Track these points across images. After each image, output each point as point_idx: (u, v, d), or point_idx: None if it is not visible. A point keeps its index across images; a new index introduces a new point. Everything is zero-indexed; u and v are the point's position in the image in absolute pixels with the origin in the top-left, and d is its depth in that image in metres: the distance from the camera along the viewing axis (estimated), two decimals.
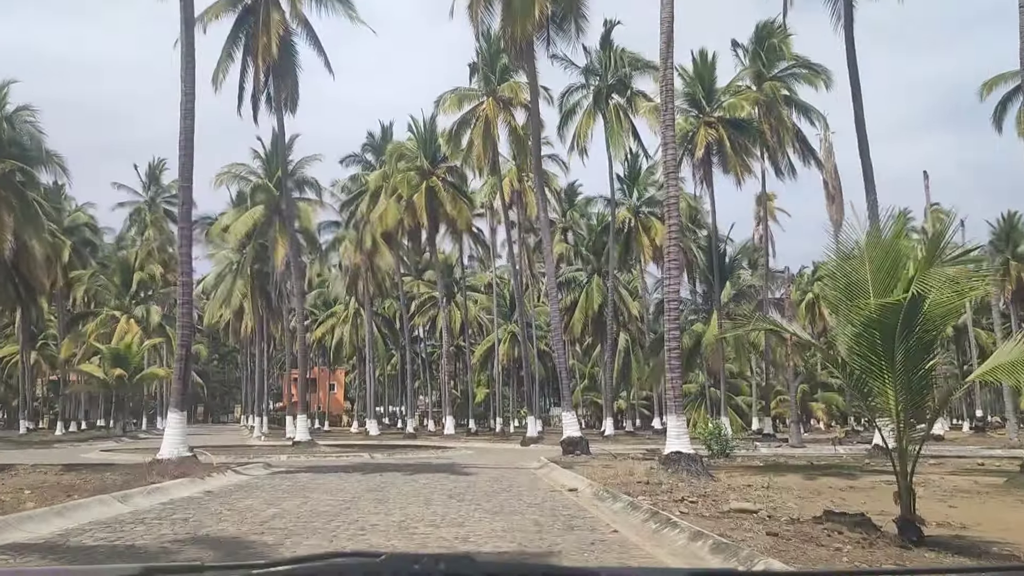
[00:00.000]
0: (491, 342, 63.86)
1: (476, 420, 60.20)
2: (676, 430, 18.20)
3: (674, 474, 17.76)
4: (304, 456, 28.36)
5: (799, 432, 35.40)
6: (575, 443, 25.95)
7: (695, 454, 18.36)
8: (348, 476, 19.63)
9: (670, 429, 18.38)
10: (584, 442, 26.19)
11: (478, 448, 37.19)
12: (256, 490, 16.17)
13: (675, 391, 18.43)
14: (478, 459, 28.08)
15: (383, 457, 28.83)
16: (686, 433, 18.42)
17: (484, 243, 57.45)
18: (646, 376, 47.07)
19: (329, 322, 64.96)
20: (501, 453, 32.95)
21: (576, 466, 22.13)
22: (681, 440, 18.18)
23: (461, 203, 43.84)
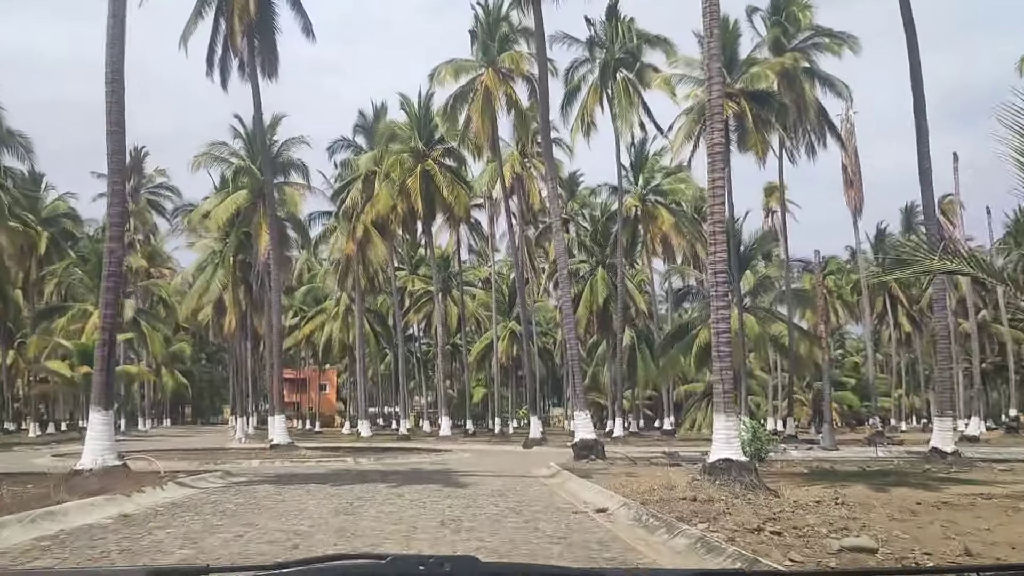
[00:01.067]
0: (489, 339, 59.89)
1: (473, 421, 56.24)
2: (725, 433, 14.33)
3: (724, 487, 13.88)
4: (279, 461, 24.43)
5: (832, 433, 31.55)
6: (589, 447, 22.08)
7: (748, 462, 14.47)
8: (319, 489, 15.71)
9: (718, 432, 14.50)
10: (599, 446, 22.32)
11: (476, 451, 33.27)
12: (190, 512, 12.26)
13: (725, 384, 14.57)
14: (477, 464, 24.19)
15: (369, 462, 24.91)
16: (736, 437, 14.52)
17: (483, 235, 53.50)
18: (658, 372, 43.14)
19: (319, 319, 60.81)
20: (502, 457, 29.04)
21: (594, 474, 18.27)
22: (731, 445, 14.32)
23: (459, 188, 39.86)
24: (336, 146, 44.90)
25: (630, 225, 45.42)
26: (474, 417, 58.57)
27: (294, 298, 64.57)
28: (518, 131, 37.29)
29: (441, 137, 41.18)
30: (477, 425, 60.24)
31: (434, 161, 40.40)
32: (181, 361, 69.61)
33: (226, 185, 40.68)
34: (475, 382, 68.23)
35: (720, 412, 14.61)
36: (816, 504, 13.26)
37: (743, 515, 11.59)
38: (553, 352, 66.34)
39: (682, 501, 12.97)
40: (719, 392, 14.71)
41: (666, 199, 44.97)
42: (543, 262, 63.79)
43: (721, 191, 15.32)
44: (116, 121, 15.17)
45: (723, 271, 15.20)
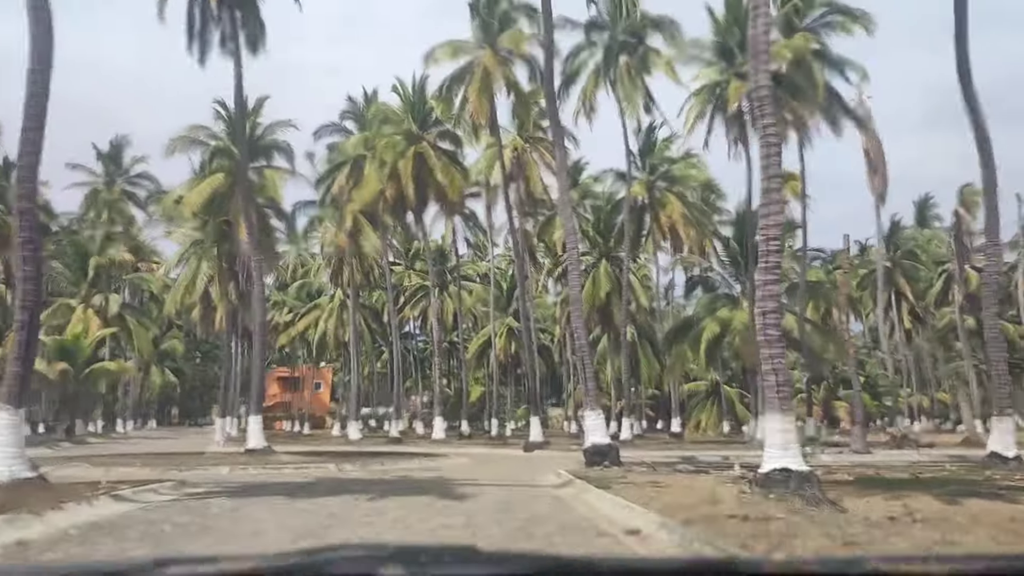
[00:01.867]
0: (487, 336, 57.09)
1: (469, 422, 53.38)
2: (782, 437, 11.58)
3: (781, 502, 11.13)
4: (253, 468, 21.59)
5: (863, 435, 28.75)
6: (603, 452, 19.27)
7: (810, 472, 11.67)
8: (285, 505, 12.91)
9: (772, 435, 11.74)
10: (614, 450, 19.50)
11: (473, 455, 30.44)
12: (109, 537, 9.48)
13: (779, 375, 11.80)
14: (475, 471, 21.38)
15: (354, 469, 22.05)
16: (796, 441, 11.74)
17: (480, 226, 50.70)
18: (666, 369, 40.33)
19: (312, 315, 57.89)
20: (502, 462, 26.23)
21: (614, 484, 15.46)
22: (789, 452, 11.57)
23: (453, 171, 36.96)
24: (323, 131, 42.02)
25: (636, 214, 42.61)
26: (470, 418, 55.75)
27: (287, 294, 61.67)
28: (518, 113, 34.49)
29: (437, 119, 38.33)
30: (473, 427, 57.38)
31: (428, 144, 37.49)
32: (172, 359, 66.62)
33: (206, 170, 37.79)
34: (472, 380, 65.40)
35: (775, 411, 11.82)
36: (891, 522, 10.58)
37: (813, 538, 9.00)
38: (552, 349, 63.47)
39: (732, 520, 10.22)
40: (771, 385, 11.92)
41: (675, 186, 42.13)
42: (543, 257, 61.04)
43: (775, 137, 12.54)
44: (40, 57, 12.31)
45: (776, 237, 12.39)
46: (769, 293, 12.08)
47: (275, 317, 62.90)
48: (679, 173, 42.49)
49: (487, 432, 53.13)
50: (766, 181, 12.35)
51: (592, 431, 19.47)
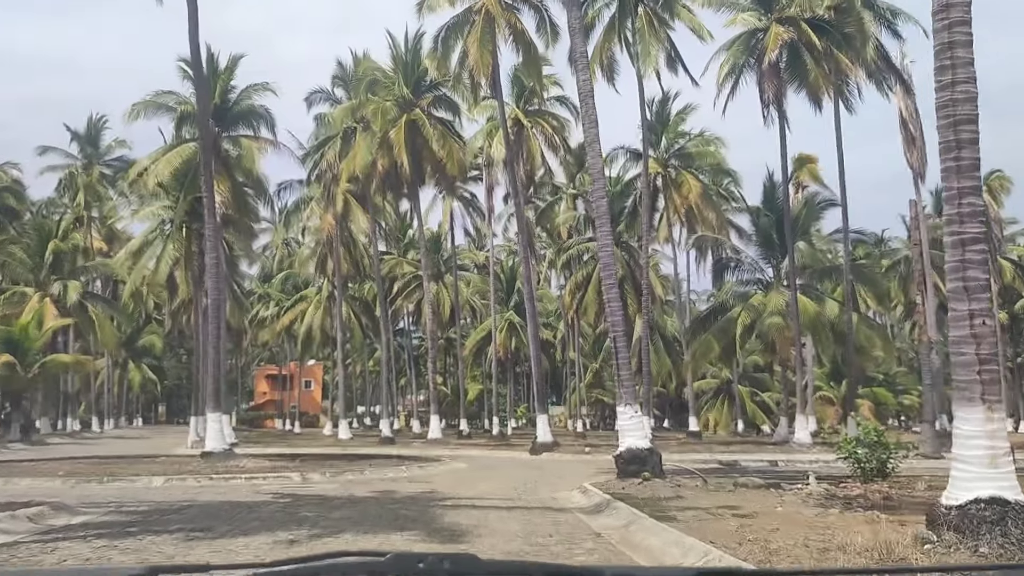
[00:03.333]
0: (485, 331, 52.22)
1: (468, 420, 48.52)
2: (988, 445, 6.76)
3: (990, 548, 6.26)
4: (195, 479, 16.77)
5: (935, 436, 23.89)
6: (641, 458, 14.41)
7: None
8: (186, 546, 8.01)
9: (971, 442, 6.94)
10: (656, 456, 14.60)
11: (473, 459, 25.59)
12: None
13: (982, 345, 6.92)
14: (475, 483, 16.56)
15: (322, 480, 17.21)
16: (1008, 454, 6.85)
17: (478, 210, 45.77)
18: (689, 361, 35.44)
19: (298, 308, 52.86)
20: (507, 469, 21.40)
21: (673, 511, 10.67)
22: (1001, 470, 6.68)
23: (451, 142, 32.06)
24: (314, 98, 36.98)
25: (649, 195, 37.74)
26: (469, 416, 50.88)
27: (271, 286, 56.67)
28: (526, 71, 29.55)
29: (432, 83, 33.37)
30: (472, 425, 52.50)
31: (423, 111, 32.52)
32: (152, 355, 61.54)
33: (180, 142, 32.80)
34: (470, 378, 60.48)
35: (974, 402, 6.99)
36: None
37: None
38: (555, 344, 58.62)
39: None
40: (968, 361, 7.07)
41: (692, 164, 37.26)
42: (544, 247, 56.23)
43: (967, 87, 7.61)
44: None
45: (972, 118, 7.41)
46: (970, 210, 7.18)
47: (259, 311, 58.03)
48: (695, 150, 37.63)
49: (487, 431, 48.25)
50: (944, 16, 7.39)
51: (628, 432, 14.60)
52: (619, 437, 14.85)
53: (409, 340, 63.72)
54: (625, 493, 12.64)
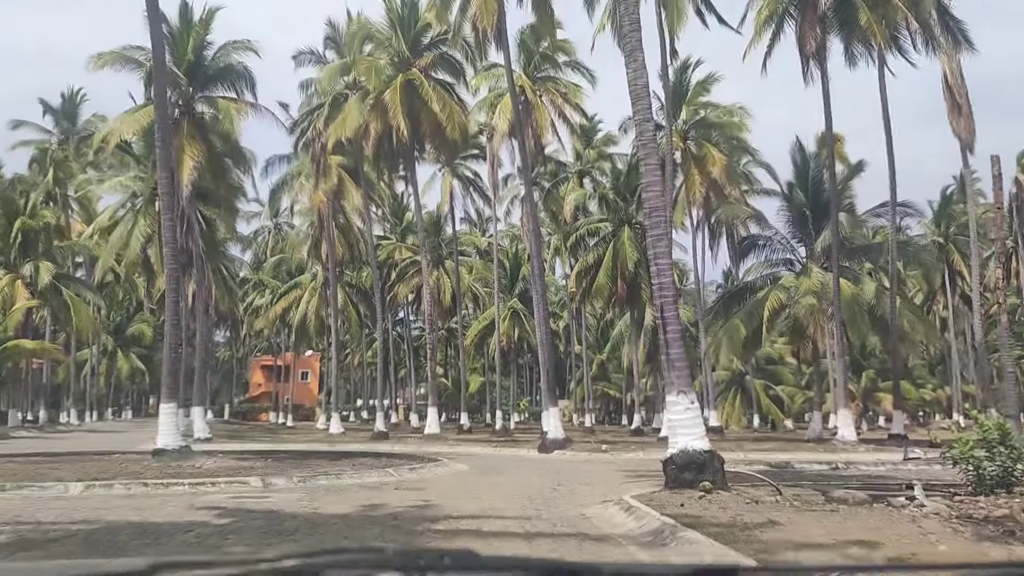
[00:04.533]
0: (488, 319, 48.44)
1: (469, 414, 44.84)
2: None
3: None
4: (124, 485, 13.04)
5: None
6: (700, 463, 10.68)
7: None
8: None
9: None
10: (716, 460, 10.80)
11: (475, 457, 21.91)
12: None
13: None
14: (478, 490, 12.88)
15: (289, 486, 13.52)
16: None
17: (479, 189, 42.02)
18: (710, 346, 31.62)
19: (293, 294, 49.07)
20: (515, 471, 17.70)
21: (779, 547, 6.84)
22: None
23: (452, 104, 28.25)
24: (303, 59, 33.03)
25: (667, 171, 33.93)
26: (470, 410, 47.19)
27: (263, 271, 52.87)
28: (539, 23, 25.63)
29: (432, 41, 29.48)
30: (473, 419, 48.78)
31: (421, 71, 28.63)
32: (142, 345, 57.69)
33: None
34: (470, 370, 56.72)
35: None
36: None
37: None
38: (559, 334, 54.79)
39: None
40: None
41: (714, 137, 33.43)
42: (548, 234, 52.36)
43: None
44: None
45: None
46: None
47: (254, 299, 54.26)
48: (718, 121, 33.79)
49: (489, 425, 44.56)
50: None
51: (681, 428, 10.82)
52: (671, 438, 11.06)
53: (408, 330, 59.95)
54: (689, 514, 8.89)
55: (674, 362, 10.86)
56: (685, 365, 11.12)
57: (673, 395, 10.95)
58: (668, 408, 11.20)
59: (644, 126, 11.39)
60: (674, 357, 10.88)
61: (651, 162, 11.22)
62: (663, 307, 10.87)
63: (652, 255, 11.04)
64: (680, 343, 10.99)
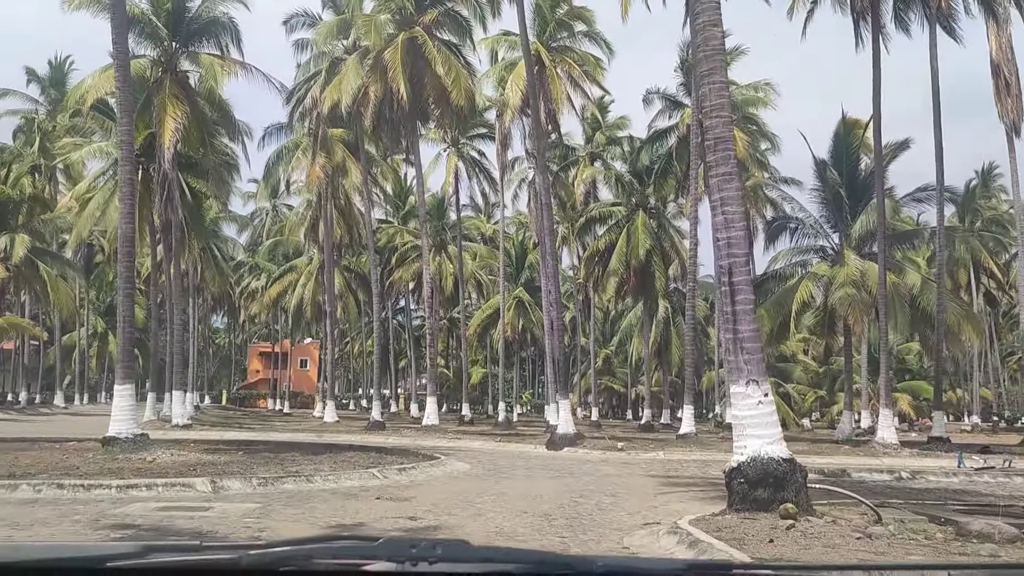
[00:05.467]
0: (492, 308, 45.64)
1: (470, 406, 42.05)
2: None
3: None
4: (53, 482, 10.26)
5: None
6: (777, 477, 7.75)
7: None
8: None
9: None
10: (800, 474, 7.89)
11: (477, 454, 19.05)
12: None
13: None
14: (481, 502, 10.02)
15: (243, 491, 10.69)
16: None
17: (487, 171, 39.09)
18: None
19: (288, 278, 46.15)
20: (525, 472, 14.87)
21: None
22: None
23: (458, 66, 25.27)
24: (296, 22, 29.96)
25: (683, 152, 31.07)
26: (471, 401, 44.35)
27: (259, 254, 49.97)
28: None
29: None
30: (474, 411, 45.95)
31: (425, 29, 25.61)
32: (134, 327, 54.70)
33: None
34: (472, 361, 53.87)
35: None
36: None
37: None
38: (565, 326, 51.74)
39: None
40: None
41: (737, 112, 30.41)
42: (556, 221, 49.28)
43: None
44: None
45: None
46: None
47: (250, 283, 51.35)
48: (741, 98, 30.79)
49: (491, 417, 41.72)
50: None
51: (751, 428, 7.92)
52: (735, 436, 8.18)
53: (409, 319, 57.05)
54: (787, 556, 6.00)
55: (744, 342, 7.97)
56: (758, 347, 8.24)
57: (741, 384, 8.05)
58: (734, 402, 8.29)
59: (709, 31, 8.50)
60: (744, 336, 7.99)
61: (716, 80, 8.38)
62: (731, 269, 7.98)
63: (718, 200, 8.13)
64: (751, 317, 8.10)
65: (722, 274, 8.17)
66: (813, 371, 52.65)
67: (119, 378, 14.75)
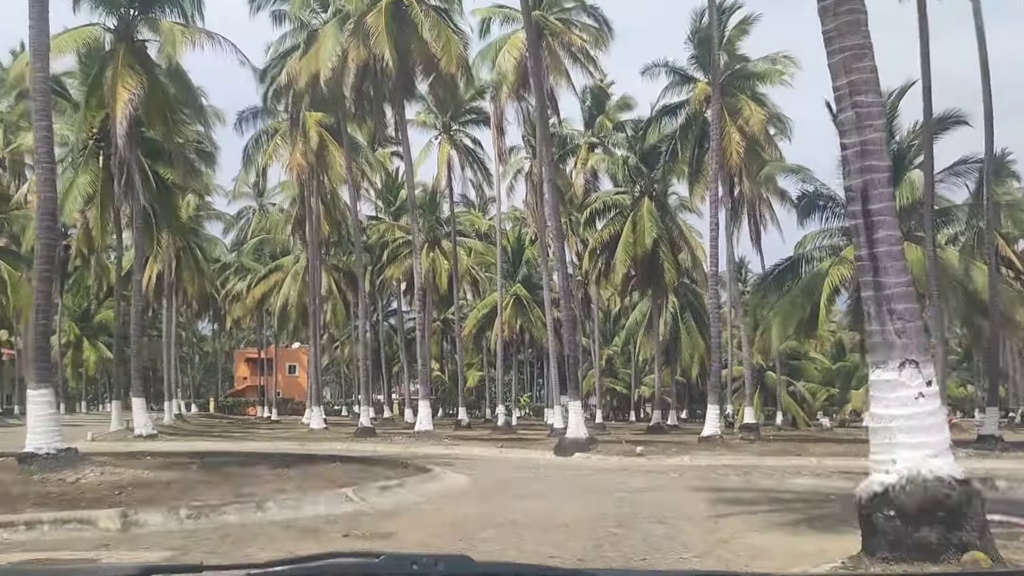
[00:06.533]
0: (489, 306, 42.79)
1: (467, 409, 39.22)
2: None
3: None
4: None
5: None
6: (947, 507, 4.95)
7: None
8: None
9: None
10: (977, 500, 5.10)
11: (476, 462, 16.22)
12: None
13: None
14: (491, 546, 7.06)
15: (165, 528, 7.75)
16: None
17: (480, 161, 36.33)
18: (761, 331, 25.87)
19: (273, 278, 43.21)
20: (538, 490, 12.05)
21: None
22: None
23: (447, 30, 22.44)
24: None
25: (695, 128, 28.35)
26: (468, 405, 41.49)
27: (243, 254, 47.04)
28: None
29: None
30: (472, 415, 43.08)
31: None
32: (111, 333, 51.66)
33: None
34: (467, 365, 50.96)
35: None
36: None
37: None
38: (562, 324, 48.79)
39: None
40: None
41: (752, 84, 27.67)
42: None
43: None
44: None
45: None
46: None
47: (235, 284, 48.38)
48: (760, 70, 28.02)
49: (489, 421, 38.88)
50: None
51: (902, 434, 5.14)
52: (879, 443, 5.34)
53: (402, 321, 54.12)
54: None
55: (893, 301, 5.16)
56: (914, 309, 5.41)
57: (891, 368, 5.23)
58: (877, 394, 5.43)
59: None
60: (894, 292, 5.17)
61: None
62: (866, 191, 5.17)
63: (845, 87, 5.30)
64: (901, 265, 5.29)
65: (852, 199, 5.34)
66: (825, 368, 50.06)
67: (33, 382, 11.83)
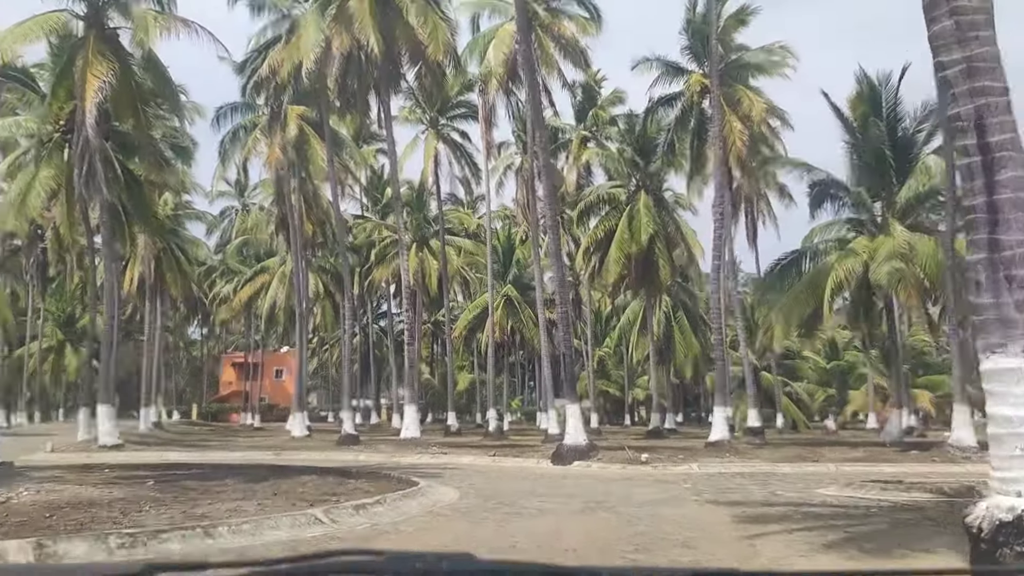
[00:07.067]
0: (479, 307, 41.49)
1: (457, 414, 37.83)
2: None
3: None
4: None
5: None
6: None
7: None
8: None
9: None
10: None
11: (467, 473, 14.88)
12: None
13: None
14: None
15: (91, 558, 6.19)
16: None
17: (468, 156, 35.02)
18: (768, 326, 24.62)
19: (259, 280, 41.75)
20: (537, 507, 10.70)
21: None
22: None
23: (434, 18, 21.15)
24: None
25: (693, 120, 27.10)
26: (457, 410, 40.07)
27: (227, 254, 45.53)
28: None
29: None
30: (462, 420, 41.65)
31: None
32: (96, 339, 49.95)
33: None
34: (458, 367, 49.60)
35: None
36: None
37: None
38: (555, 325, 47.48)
39: None
40: None
41: (750, 74, 26.46)
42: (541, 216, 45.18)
43: None
44: None
45: None
46: None
47: (222, 288, 46.87)
48: (758, 60, 26.83)
49: (480, 427, 37.50)
50: None
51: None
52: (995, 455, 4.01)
53: (391, 324, 52.66)
54: None
55: (1015, 264, 3.86)
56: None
57: (1014, 353, 3.93)
58: (993, 388, 4.12)
59: None
60: (1016, 253, 3.88)
61: None
62: (982, 119, 3.86)
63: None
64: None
65: (961, 130, 4.03)
66: (820, 368, 48.88)
67: None
